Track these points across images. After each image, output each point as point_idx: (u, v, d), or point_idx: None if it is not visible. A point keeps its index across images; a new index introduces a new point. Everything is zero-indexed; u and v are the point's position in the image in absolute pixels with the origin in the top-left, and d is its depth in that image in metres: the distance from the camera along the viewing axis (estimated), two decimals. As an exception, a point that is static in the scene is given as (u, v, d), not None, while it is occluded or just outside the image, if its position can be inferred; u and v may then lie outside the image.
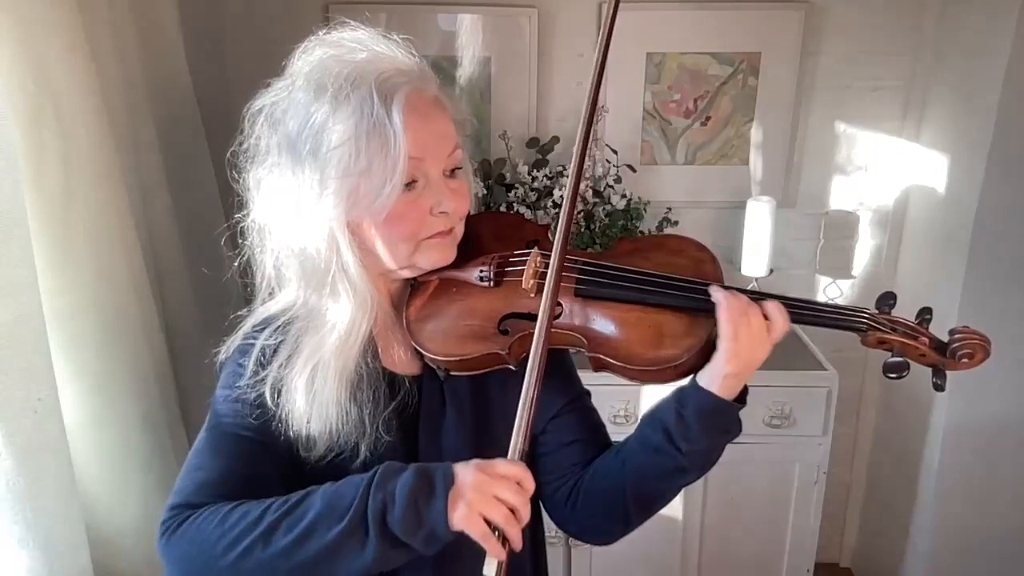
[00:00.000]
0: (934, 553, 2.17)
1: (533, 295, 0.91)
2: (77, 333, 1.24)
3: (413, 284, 0.97)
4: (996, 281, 1.93)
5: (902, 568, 2.29)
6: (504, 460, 0.77)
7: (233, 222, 0.92)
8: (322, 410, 0.85)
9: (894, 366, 0.87)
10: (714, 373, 0.87)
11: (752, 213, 2.07)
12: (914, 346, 0.89)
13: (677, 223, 2.16)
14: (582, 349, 0.91)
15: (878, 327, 0.89)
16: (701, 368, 0.89)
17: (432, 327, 0.92)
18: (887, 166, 2.22)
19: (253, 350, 0.88)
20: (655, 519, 0.98)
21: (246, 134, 0.87)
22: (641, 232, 2.10)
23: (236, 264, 0.94)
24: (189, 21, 1.77)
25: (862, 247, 2.30)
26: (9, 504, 1.01)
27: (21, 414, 1.02)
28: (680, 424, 0.88)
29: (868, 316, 0.90)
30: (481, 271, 0.94)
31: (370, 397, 0.88)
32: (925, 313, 0.91)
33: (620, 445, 0.97)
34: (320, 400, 0.85)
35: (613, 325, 0.90)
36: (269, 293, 0.93)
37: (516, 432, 0.78)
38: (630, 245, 0.99)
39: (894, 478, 2.32)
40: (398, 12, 2.03)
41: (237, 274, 0.95)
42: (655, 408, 0.93)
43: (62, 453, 1.11)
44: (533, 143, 2.12)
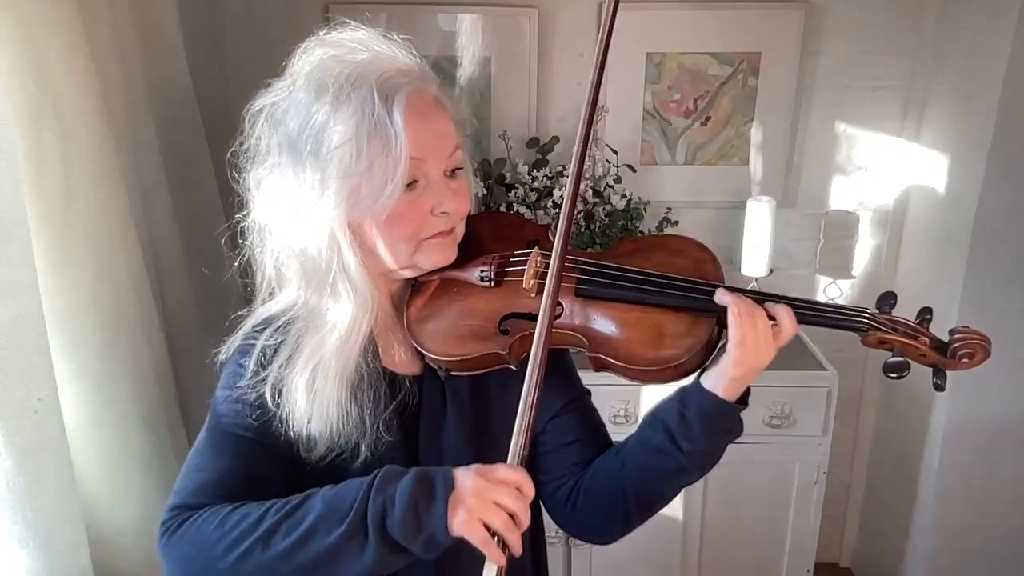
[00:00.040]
0: (934, 553, 2.17)
1: (534, 295, 0.91)
2: (77, 333, 1.24)
3: (414, 284, 0.97)
4: (996, 281, 1.93)
5: (902, 568, 2.29)
6: (504, 465, 0.77)
7: (233, 222, 0.92)
8: (323, 410, 0.85)
9: (895, 366, 0.88)
10: (719, 376, 0.87)
11: (752, 213, 2.07)
12: (914, 346, 0.89)
13: (677, 223, 2.16)
14: (583, 349, 0.91)
15: (879, 327, 0.89)
16: (701, 368, 0.89)
17: (433, 327, 0.92)
18: (887, 166, 2.22)
19: (254, 350, 0.88)
20: (655, 519, 0.98)
21: (246, 134, 0.87)
22: (641, 232, 2.10)
23: (236, 264, 0.94)
24: (189, 21, 1.77)
25: (862, 247, 2.30)
26: (9, 504, 1.01)
27: (21, 414, 1.02)
28: (682, 424, 0.88)
29: (869, 316, 0.90)
30: (482, 271, 0.94)
31: (371, 397, 0.88)
32: (925, 313, 0.91)
33: (621, 445, 0.97)
34: (321, 400, 0.85)
35: (613, 325, 0.90)
36: (269, 293, 0.93)
37: (516, 437, 0.78)
38: (630, 245, 0.99)
39: (894, 478, 2.32)
40: (398, 12, 2.03)
41: (237, 274, 0.95)
42: (657, 408, 0.93)
43: (62, 453, 1.11)
44: (533, 143, 2.12)
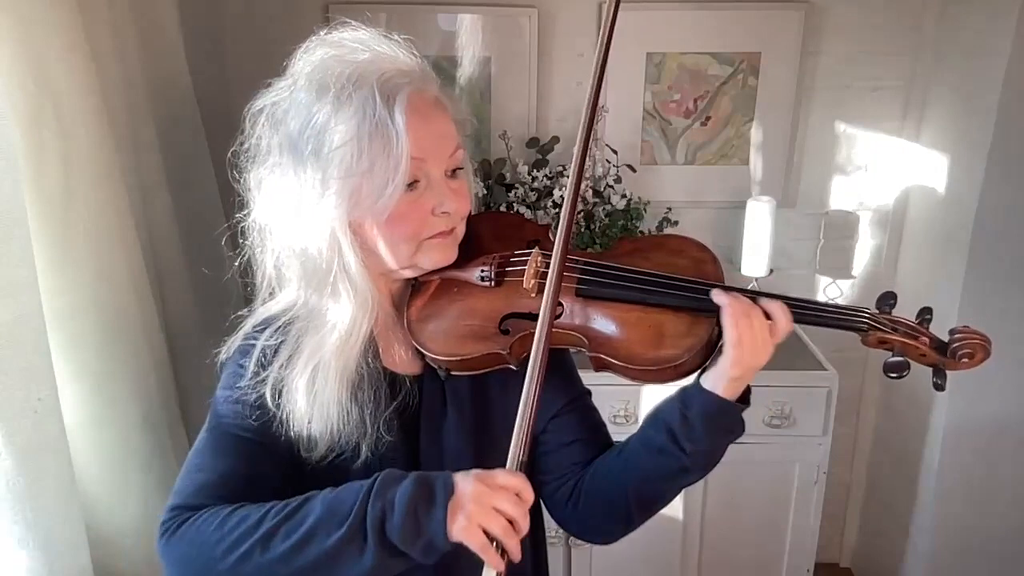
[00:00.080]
0: (934, 553, 2.17)
1: (534, 295, 0.91)
2: (77, 333, 1.24)
3: (414, 284, 0.97)
4: (996, 281, 1.93)
5: (902, 568, 2.29)
6: (504, 471, 0.77)
7: (234, 222, 0.92)
8: (323, 410, 0.85)
9: (895, 366, 0.88)
10: (718, 375, 0.87)
11: (752, 213, 2.07)
12: (915, 346, 0.89)
13: (677, 223, 2.16)
14: (583, 349, 0.91)
15: (879, 327, 0.89)
16: (702, 368, 0.89)
17: (433, 327, 0.92)
18: (887, 166, 2.22)
19: (254, 351, 0.88)
20: (655, 519, 0.98)
21: (247, 134, 0.87)
22: (641, 232, 2.10)
23: (237, 264, 0.93)
24: (189, 21, 1.77)
25: (862, 247, 2.30)
26: (9, 504, 1.01)
27: (21, 414, 1.01)
28: (684, 425, 0.88)
29: (869, 316, 0.90)
30: (482, 271, 0.94)
31: (371, 397, 0.88)
32: (925, 313, 0.91)
33: (622, 445, 0.97)
34: (321, 400, 0.85)
35: (614, 325, 0.90)
36: (270, 293, 0.93)
37: (515, 442, 0.78)
38: (630, 245, 0.99)
39: (894, 478, 2.32)
40: (398, 12, 2.03)
41: (238, 274, 0.95)
42: (658, 409, 0.93)
43: (62, 453, 1.11)
44: (533, 143, 2.12)
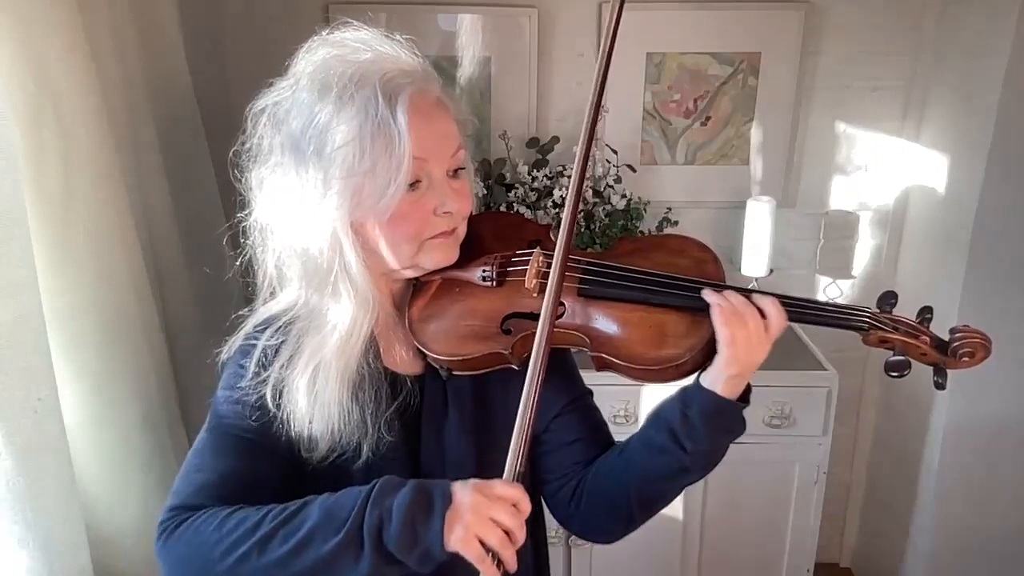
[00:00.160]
0: (934, 553, 2.17)
1: (536, 295, 0.91)
2: (77, 333, 1.24)
3: (415, 284, 0.96)
4: (996, 281, 1.93)
5: (902, 568, 2.29)
6: (501, 481, 0.77)
7: (235, 221, 0.92)
8: (324, 411, 0.85)
9: (896, 365, 0.88)
10: (716, 374, 0.87)
11: (752, 213, 2.07)
12: (915, 345, 0.89)
13: (677, 223, 2.16)
14: (585, 349, 0.91)
15: (880, 326, 0.89)
16: (704, 367, 0.89)
17: (435, 327, 0.92)
18: (887, 166, 2.22)
19: (255, 351, 0.88)
20: (655, 519, 0.98)
21: (248, 133, 0.87)
22: (641, 232, 2.10)
23: (238, 264, 0.93)
24: (189, 21, 1.77)
25: (862, 247, 2.30)
26: (9, 504, 1.01)
27: (21, 414, 1.01)
28: (685, 424, 0.88)
29: (870, 315, 0.90)
30: (484, 271, 0.94)
31: (372, 397, 0.88)
32: (926, 312, 0.91)
33: (623, 445, 0.97)
34: (322, 400, 0.85)
35: (616, 325, 0.90)
36: (270, 293, 0.93)
37: (512, 452, 0.78)
38: (631, 245, 0.99)
39: (894, 478, 2.32)
40: (398, 12, 2.03)
41: (239, 274, 0.95)
42: (659, 408, 0.93)
43: (62, 453, 1.11)
44: (533, 143, 2.12)
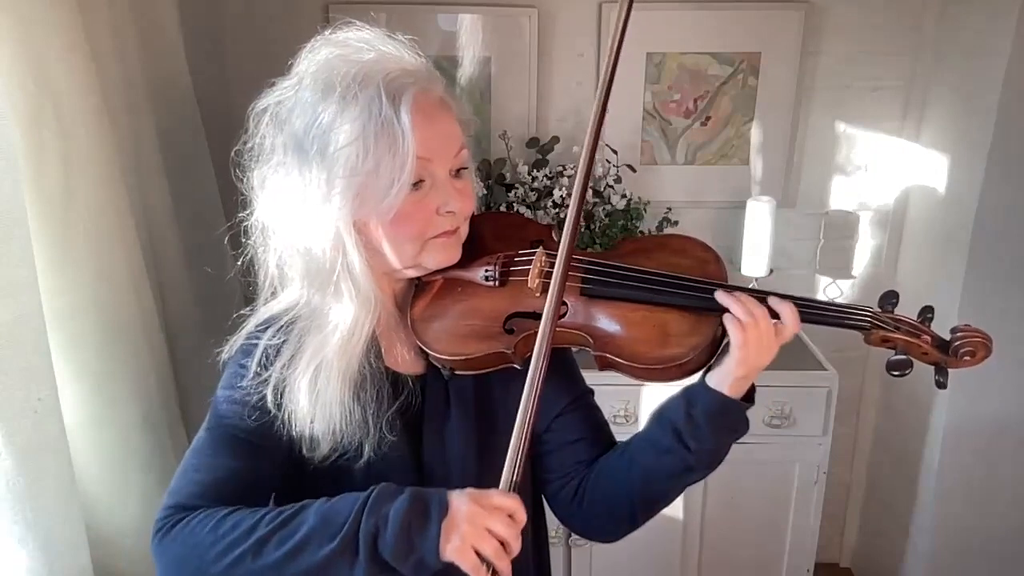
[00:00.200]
0: (934, 553, 2.17)
1: (538, 295, 0.91)
2: (77, 333, 1.23)
3: (417, 284, 0.96)
4: (996, 281, 1.93)
5: (902, 568, 2.29)
6: (498, 491, 0.77)
7: (236, 221, 0.92)
8: (326, 410, 0.85)
9: (898, 364, 0.88)
10: (723, 375, 0.87)
11: (752, 213, 2.07)
12: (917, 344, 0.89)
13: (677, 223, 2.16)
14: (587, 348, 0.91)
15: (882, 325, 0.90)
16: (706, 366, 0.89)
17: (437, 327, 0.92)
18: (887, 166, 2.22)
19: (256, 351, 0.88)
20: (655, 519, 0.98)
21: (250, 133, 0.87)
22: (641, 232, 2.10)
23: (239, 263, 0.93)
24: (189, 21, 1.77)
25: (862, 247, 2.30)
26: (9, 504, 1.01)
27: (21, 414, 1.01)
28: (689, 423, 0.88)
29: (872, 315, 0.90)
30: (486, 270, 0.94)
31: (374, 397, 0.88)
32: (927, 312, 0.92)
33: (625, 445, 0.97)
34: (323, 400, 0.85)
35: (618, 324, 0.90)
36: (272, 293, 0.92)
37: (509, 463, 0.78)
38: (632, 245, 0.99)
39: (894, 478, 2.32)
40: (398, 12, 2.03)
41: (239, 273, 0.95)
42: (663, 408, 0.93)
43: (62, 453, 1.11)
44: (533, 143, 2.12)
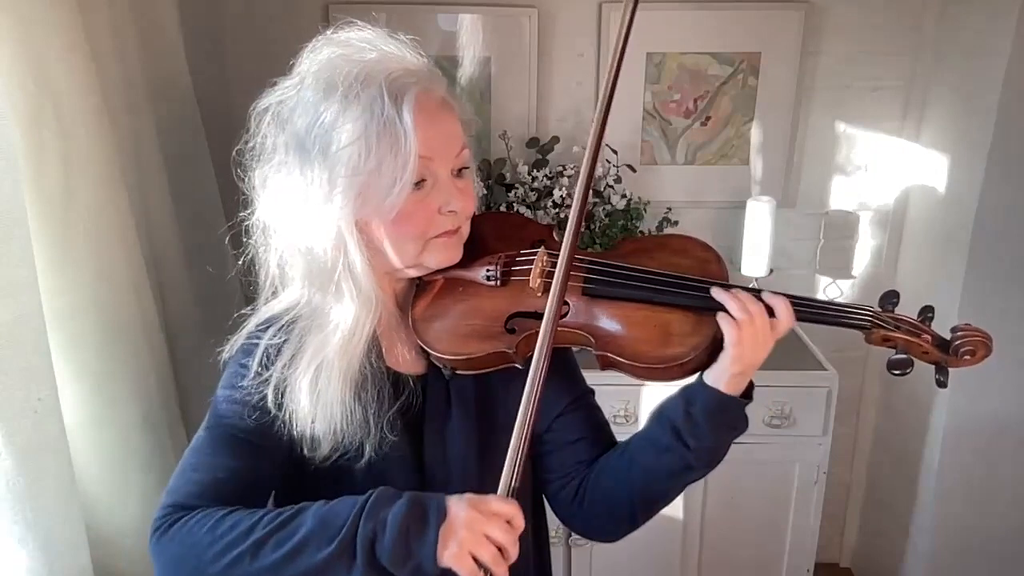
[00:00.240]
0: (934, 553, 2.17)
1: (540, 294, 0.91)
2: (77, 333, 1.23)
3: (418, 284, 0.96)
4: (996, 281, 1.93)
5: (902, 568, 2.29)
6: (496, 497, 0.77)
7: (236, 221, 0.91)
8: (326, 410, 0.85)
9: (898, 363, 0.88)
10: (720, 372, 0.88)
11: (752, 213, 2.07)
12: (917, 343, 0.89)
13: (677, 223, 2.16)
14: (589, 348, 0.91)
15: (883, 325, 0.90)
16: (708, 366, 0.89)
17: (439, 326, 0.92)
18: (887, 166, 2.22)
19: (257, 350, 0.88)
20: (655, 518, 0.98)
21: (252, 133, 0.87)
22: (641, 232, 2.10)
23: (240, 263, 0.93)
24: (189, 21, 1.77)
25: (862, 247, 2.30)
26: (9, 504, 1.01)
27: (21, 414, 1.01)
28: (688, 422, 0.88)
29: (873, 314, 0.90)
30: (488, 270, 0.94)
31: (374, 397, 0.88)
32: (927, 311, 0.92)
33: (625, 444, 0.97)
34: (324, 400, 0.85)
35: (620, 324, 0.90)
36: (272, 292, 0.92)
37: (507, 468, 0.78)
38: (633, 245, 0.99)
39: (894, 478, 2.32)
40: (398, 12, 2.03)
41: (240, 273, 0.95)
42: (662, 407, 0.93)
43: (62, 453, 1.10)
44: (533, 143, 2.12)
